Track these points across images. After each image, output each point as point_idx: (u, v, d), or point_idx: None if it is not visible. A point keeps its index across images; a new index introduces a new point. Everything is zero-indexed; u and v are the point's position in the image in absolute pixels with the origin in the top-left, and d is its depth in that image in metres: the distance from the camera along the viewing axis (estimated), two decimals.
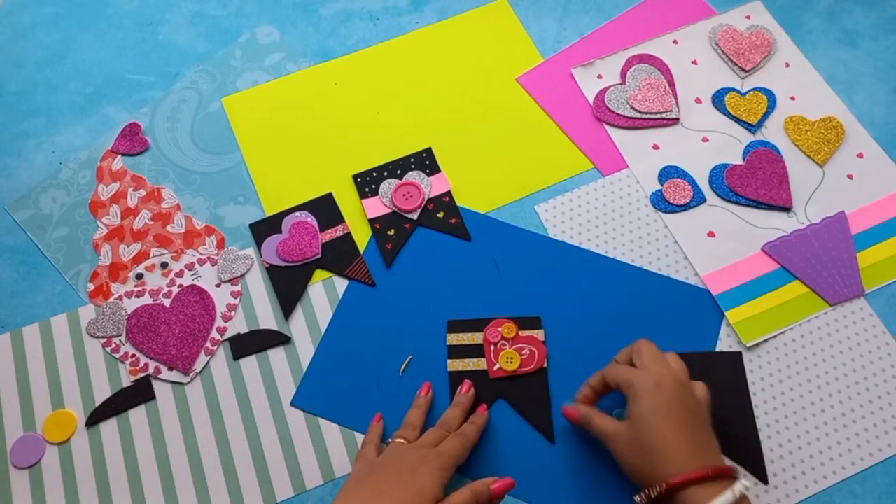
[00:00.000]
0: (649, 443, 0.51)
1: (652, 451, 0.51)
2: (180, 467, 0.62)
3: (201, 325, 0.66)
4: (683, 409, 0.52)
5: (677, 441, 0.50)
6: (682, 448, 0.50)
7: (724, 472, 0.50)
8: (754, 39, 0.79)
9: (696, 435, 0.51)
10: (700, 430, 0.52)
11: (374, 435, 0.60)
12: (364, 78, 0.79)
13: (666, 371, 0.54)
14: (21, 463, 0.62)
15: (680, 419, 0.51)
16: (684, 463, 0.50)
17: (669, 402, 0.52)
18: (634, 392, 0.53)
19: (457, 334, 0.65)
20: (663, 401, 0.52)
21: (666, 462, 0.50)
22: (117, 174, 0.74)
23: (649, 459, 0.51)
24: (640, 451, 0.51)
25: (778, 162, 0.72)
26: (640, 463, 0.52)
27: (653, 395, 0.52)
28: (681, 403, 0.52)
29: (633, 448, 0.52)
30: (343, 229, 0.71)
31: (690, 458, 0.50)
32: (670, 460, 0.50)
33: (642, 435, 0.51)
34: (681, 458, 0.50)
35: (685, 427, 0.51)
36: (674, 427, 0.51)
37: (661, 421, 0.51)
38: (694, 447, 0.51)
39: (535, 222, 0.70)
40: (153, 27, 0.83)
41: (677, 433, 0.51)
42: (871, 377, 0.63)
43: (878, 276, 0.66)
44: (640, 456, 0.52)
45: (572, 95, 0.77)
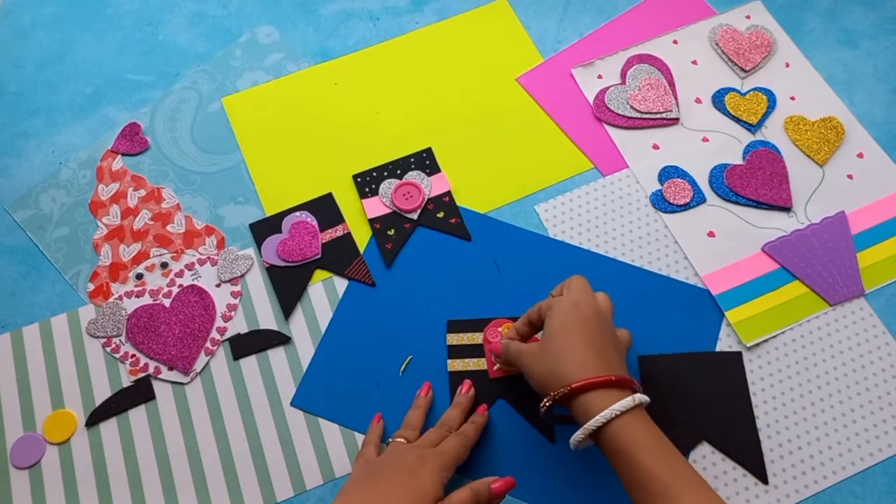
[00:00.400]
0: (556, 350, 0.53)
1: (559, 359, 0.52)
2: (180, 467, 0.62)
3: (201, 325, 0.66)
4: (595, 326, 0.54)
5: (584, 351, 0.52)
6: (589, 357, 0.52)
7: (627, 381, 0.51)
8: (754, 39, 0.79)
9: (605, 350, 0.53)
10: (612, 348, 0.54)
11: (374, 435, 0.60)
12: (364, 78, 0.79)
13: (586, 297, 0.55)
14: (21, 463, 0.62)
15: (590, 333, 0.53)
16: (590, 369, 0.51)
17: (583, 318, 0.53)
18: (550, 313, 0.55)
19: (457, 334, 0.65)
20: (576, 317, 0.54)
21: (572, 368, 0.51)
22: (117, 174, 0.74)
23: (556, 367, 0.52)
24: (549, 360, 0.53)
25: (778, 162, 0.72)
26: (547, 372, 0.53)
27: (567, 312, 0.54)
28: (595, 322, 0.54)
29: (542, 359, 0.53)
30: (343, 229, 0.71)
31: (596, 366, 0.51)
32: (576, 367, 0.51)
33: (552, 346, 0.53)
34: (586, 365, 0.51)
35: (594, 340, 0.53)
36: (583, 339, 0.53)
37: (571, 333, 0.53)
38: (600, 358, 0.52)
39: (535, 222, 0.70)
40: (153, 27, 0.83)
41: (585, 344, 0.52)
42: (871, 377, 0.63)
43: (878, 276, 0.66)
44: (547, 365, 0.53)
45: (572, 95, 0.77)
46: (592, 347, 0.52)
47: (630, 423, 0.49)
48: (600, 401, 0.50)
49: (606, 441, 0.50)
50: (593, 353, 0.52)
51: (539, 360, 0.54)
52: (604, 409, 0.49)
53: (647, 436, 0.49)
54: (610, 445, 0.50)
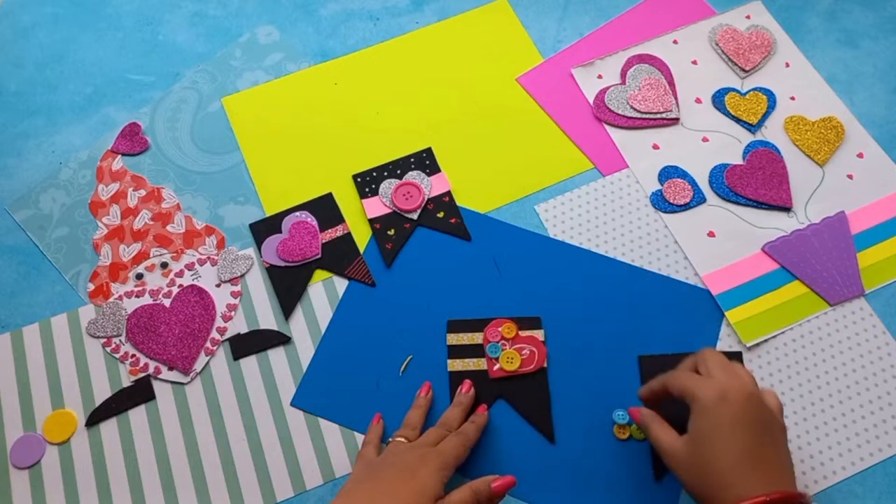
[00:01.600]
0: (709, 463, 0.47)
1: (712, 473, 0.46)
2: (180, 467, 0.62)
3: (201, 325, 0.66)
4: (750, 425, 0.47)
5: (740, 462, 0.46)
6: (746, 470, 0.46)
7: (792, 497, 0.45)
8: (754, 39, 0.79)
9: (763, 454, 0.47)
10: (768, 448, 0.48)
11: (374, 435, 0.60)
12: (364, 78, 0.79)
13: (733, 381, 0.49)
14: (21, 463, 0.62)
15: (745, 436, 0.47)
16: (748, 486, 0.45)
17: (734, 417, 0.47)
18: (696, 404, 0.49)
19: (457, 334, 0.65)
20: (727, 415, 0.47)
21: (728, 486, 0.46)
22: (117, 174, 0.74)
23: (710, 482, 0.46)
24: (700, 471, 0.47)
25: (778, 162, 0.72)
26: (701, 484, 0.47)
27: (716, 408, 0.48)
28: (747, 417, 0.47)
29: (693, 467, 0.48)
30: (343, 229, 0.71)
31: (755, 480, 0.45)
32: (733, 484, 0.45)
33: (702, 454, 0.47)
34: (744, 481, 0.45)
35: (751, 445, 0.47)
36: (737, 446, 0.46)
37: (724, 439, 0.47)
38: (760, 468, 0.46)
39: (535, 222, 0.70)
40: (153, 27, 0.83)
41: (741, 453, 0.46)
42: (871, 377, 0.63)
43: (878, 276, 0.66)
44: (700, 476, 0.47)
45: (572, 95, 0.77)
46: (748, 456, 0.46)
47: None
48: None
49: None
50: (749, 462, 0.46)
51: (689, 471, 0.48)
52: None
53: None
54: None
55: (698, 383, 0.50)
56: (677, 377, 0.52)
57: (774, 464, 0.47)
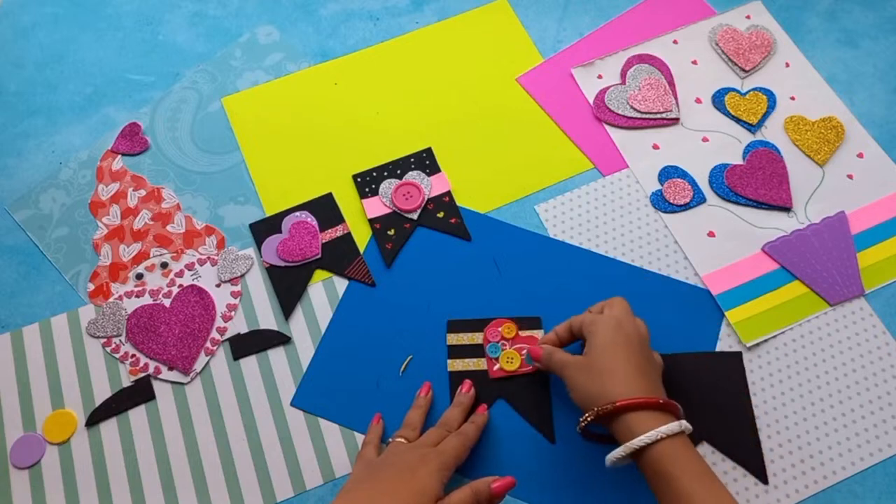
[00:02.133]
0: (602, 366, 0.53)
1: (604, 374, 0.53)
2: (180, 467, 0.62)
3: (201, 325, 0.66)
4: (639, 348, 0.54)
5: (630, 370, 0.52)
6: (635, 377, 0.52)
7: (672, 406, 0.52)
8: (754, 39, 0.79)
9: (650, 374, 0.53)
10: (652, 371, 0.54)
11: (374, 435, 0.60)
12: (364, 78, 0.79)
13: (629, 318, 0.56)
14: (21, 463, 0.62)
15: (635, 354, 0.54)
16: (634, 389, 0.51)
17: (628, 339, 0.54)
18: (595, 329, 0.55)
19: (457, 334, 0.65)
20: (622, 336, 0.54)
21: (617, 384, 0.52)
22: (117, 174, 0.74)
23: (601, 381, 0.52)
24: (593, 374, 0.53)
25: (778, 162, 0.72)
26: (591, 385, 0.53)
27: (612, 330, 0.55)
28: (638, 344, 0.54)
29: (587, 373, 0.54)
30: (343, 229, 0.71)
31: (640, 387, 0.52)
32: (621, 383, 0.52)
33: (597, 361, 0.53)
34: (632, 384, 0.52)
35: (640, 362, 0.53)
36: (629, 358, 0.53)
37: (617, 350, 0.53)
38: (645, 380, 0.52)
39: (535, 222, 0.70)
40: (153, 27, 0.83)
41: (631, 364, 0.53)
42: (871, 377, 0.63)
43: (878, 276, 0.66)
44: (592, 379, 0.53)
45: (572, 95, 0.77)
46: (638, 368, 0.53)
47: (675, 448, 0.49)
48: (645, 422, 0.50)
49: (649, 462, 0.50)
50: (639, 373, 0.53)
51: (584, 374, 0.54)
52: (649, 430, 0.49)
53: (691, 461, 0.49)
54: (653, 467, 0.49)
55: (598, 316, 0.57)
56: (582, 316, 0.58)
57: (656, 383, 0.54)
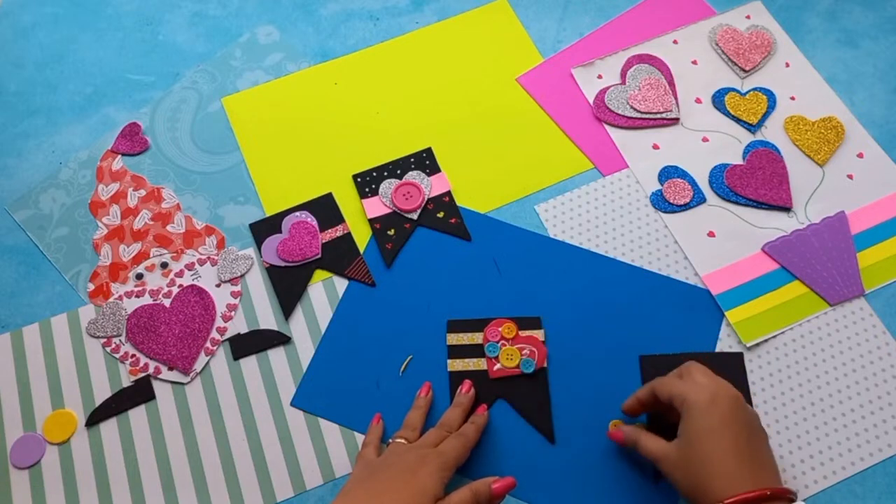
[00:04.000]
0: (701, 462, 0.49)
1: (704, 471, 0.48)
2: (180, 467, 0.62)
3: (201, 325, 0.66)
4: (739, 426, 0.49)
5: (731, 459, 0.48)
6: (737, 467, 0.48)
7: (782, 493, 0.47)
8: (754, 39, 0.79)
9: (752, 453, 0.49)
10: (757, 449, 0.50)
11: (374, 436, 0.60)
12: (364, 78, 0.79)
13: (720, 386, 0.51)
14: (21, 463, 0.62)
15: (735, 436, 0.49)
16: (739, 483, 0.47)
17: (724, 418, 0.49)
18: (687, 407, 0.50)
19: (457, 334, 0.65)
20: (717, 416, 0.49)
21: (719, 481, 0.47)
22: (117, 174, 0.74)
23: (702, 479, 0.48)
24: (693, 470, 0.49)
25: (778, 162, 0.72)
26: (693, 483, 0.49)
27: (707, 410, 0.50)
28: (736, 419, 0.50)
29: (685, 468, 0.50)
30: (343, 229, 0.71)
31: (744, 477, 0.47)
32: (724, 480, 0.47)
33: (694, 454, 0.49)
34: (735, 477, 0.47)
35: (740, 445, 0.49)
36: (728, 444, 0.48)
37: (715, 438, 0.49)
38: (749, 466, 0.48)
39: (535, 222, 0.70)
40: (153, 27, 0.83)
41: (732, 451, 0.48)
42: (871, 377, 0.63)
43: (878, 276, 0.66)
44: (692, 476, 0.49)
45: (572, 95, 0.77)
46: (739, 453, 0.48)
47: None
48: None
49: None
50: (740, 460, 0.48)
51: (681, 470, 0.50)
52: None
53: None
54: None
55: (688, 387, 0.52)
56: (666, 383, 0.54)
57: (762, 462, 0.49)
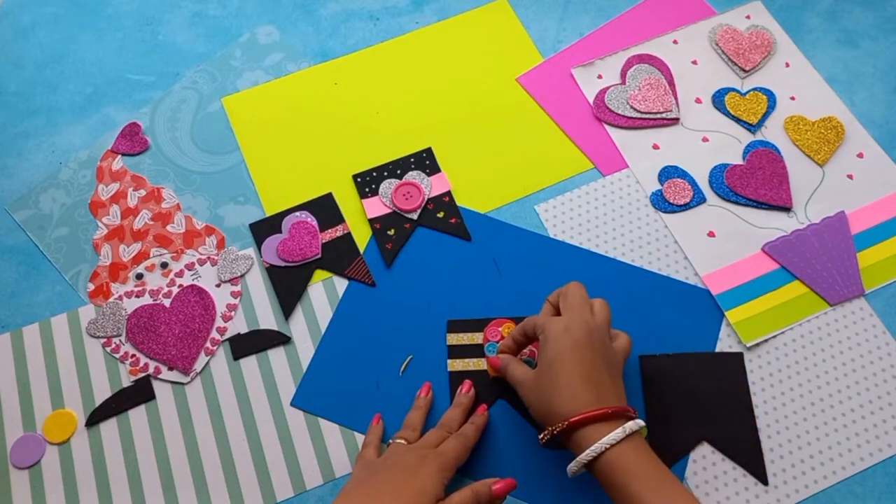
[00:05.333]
0: (551, 384, 0.53)
1: (553, 393, 0.52)
2: (180, 467, 0.62)
3: (201, 325, 0.66)
4: (587, 352, 0.53)
5: (578, 381, 0.52)
6: (581, 389, 0.51)
7: (620, 411, 0.51)
8: (754, 39, 0.79)
9: (599, 377, 0.52)
10: (604, 373, 0.53)
11: (374, 436, 0.60)
12: (364, 78, 0.79)
13: (579, 315, 0.55)
14: (21, 463, 0.62)
15: (582, 361, 0.52)
16: (584, 402, 0.51)
17: (575, 345, 0.53)
18: (545, 337, 0.55)
19: (457, 334, 0.65)
20: (569, 343, 0.53)
21: (565, 403, 0.51)
22: (117, 174, 0.74)
23: (551, 402, 0.52)
24: (544, 393, 0.53)
25: (778, 162, 0.72)
26: (544, 404, 0.53)
27: (560, 338, 0.53)
28: (587, 346, 0.53)
29: (539, 390, 0.54)
30: (343, 229, 0.71)
31: (587, 399, 0.51)
32: (569, 401, 0.51)
33: (547, 377, 0.53)
34: (578, 398, 0.51)
35: (587, 369, 0.52)
36: (575, 369, 0.52)
37: (564, 363, 0.52)
38: (592, 389, 0.52)
39: (535, 222, 0.70)
40: (153, 27, 0.83)
41: (578, 374, 0.52)
42: (871, 377, 0.63)
43: (878, 276, 0.66)
44: (543, 399, 0.53)
45: (572, 95, 0.77)
46: (584, 377, 0.52)
47: (622, 455, 0.49)
48: (593, 434, 0.50)
49: (600, 473, 0.50)
50: (586, 383, 0.52)
51: (535, 393, 0.54)
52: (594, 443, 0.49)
53: (639, 466, 0.49)
54: (603, 478, 0.50)
55: (549, 319, 0.55)
56: (532, 318, 0.58)
57: (608, 386, 0.53)
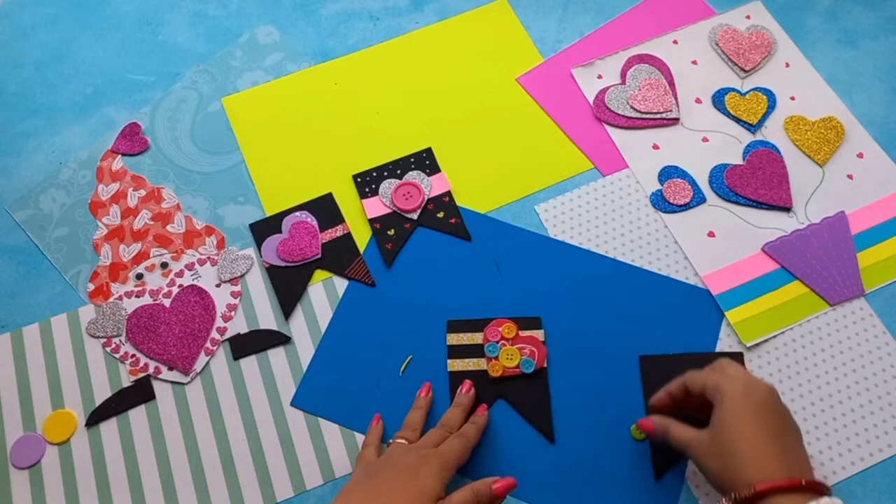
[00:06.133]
0: (733, 447, 0.47)
1: (735, 456, 0.47)
2: (180, 467, 0.62)
3: (201, 325, 0.66)
4: (772, 415, 0.49)
5: (764, 446, 0.47)
6: (768, 453, 0.47)
7: (817, 486, 0.46)
8: (754, 39, 0.79)
9: (785, 443, 0.48)
10: (790, 440, 0.49)
11: (374, 437, 0.60)
12: (364, 78, 0.79)
13: (755, 379, 0.51)
14: (21, 463, 0.62)
15: (768, 424, 0.48)
16: (770, 470, 0.46)
17: (757, 406, 0.49)
18: (721, 395, 0.50)
19: (457, 334, 0.65)
20: (751, 404, 0.49)
21: (750, 467, 0.46)
22: (117, 174, 0.74)
23: (732, 464, 0.47)
24: (724, 456, 0.48)
25: (778, 162, 0.72)
26: (723, 468, 0.48)
27: (741, 397, 0.49)
28: (770, 409, 0.49)
29: (716, 453, 0.48)
30: (343, 229, 0.71)
31: (777, 465, 0.46)
32: (756, 465, 0.46)
33: (726, 439, 0.48)
34: (767, 464, 0.46)
35: (775, 433, 0.48)
36: (761, 431, 0.48)
37: (747, 424, 0.48)
38: (783, 455, 0.47)
39: (535, 222, 0.70)
40: (153, 27, 0.83)
41: (764, 438, 0.47)
42: (871, 377, 0.63)
43: (878, 276, 0.66)
44: (723, 462, 0.48)
45: (572, 95, 0.77)
46: (772, 440, 0.47)
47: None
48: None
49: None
50: (772, 447, 0.47)
51: (712, 456, 0.49)
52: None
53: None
54: None
55: (722, 378, 0.51)
56: (699, 375, 0.53)
57: (795, 453, 0.48)
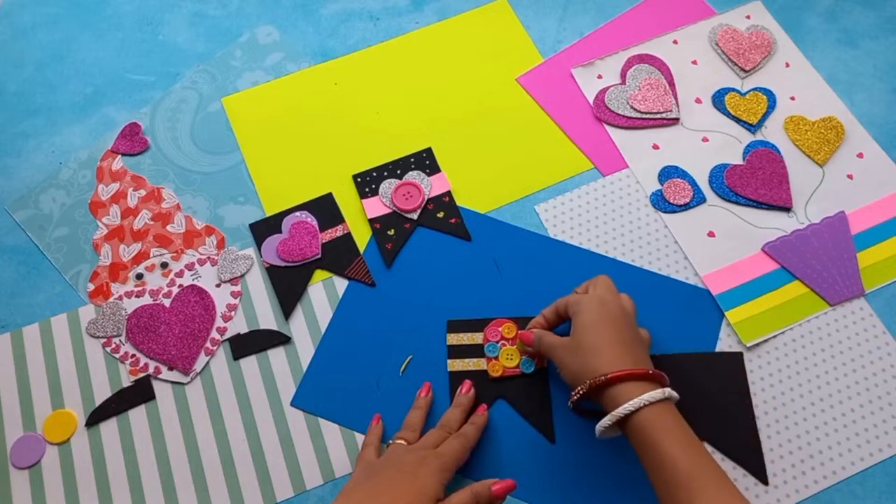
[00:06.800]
0: (589, 346, 0.55)
1: (591, 352, 0.54)
2: (180, 467, 0.62)
3: (201, 325, 0.66)
4: (623, 324, 0.56)
5: (615, 345, 0.54)
6: (620, 351, 0.54)
7: (658, 376, 0.53)
8: (754, 39, 0.79)
9: (634, 348, 0.55)
10: (639, 346, 0.56)
11: (374, 437, 0.60)
12: (364, 78, 0.79)
13: (612, 296, 0.58)
14: (21, 463, 0.62)
15: (619, 332, 0.55)
16: (620, 363, 0.53)
17: (611, 316, 0.56)
18: (579, 308, 0.57)
19: (457, 334, 0.65)
20: (606, 314, 0.56)
21: (604, 361, 0.53)
22: (117, 174, 0.74)
23: (589, 361, 0.54)
24: (581, 354, 0.55)
25: (778, 162, 0.72)
26: (581, 365, 0.55)
27: (596, 308, 0.56)
28: (622, 319, 0.56)
29: (574, 352, 0.55)
30: (343, 229, 0.71)
31: (626, 360, 0.54)
32: (609, 360, 0.53)
33: (584, 340, 0.55)
34: (618, 359, 0.53)
35: (624, 339, 0.55)
36: (613, 334, 0.55)
37: (602, 328, 0.55)
38: (630, 353, 0.54)
39: (535, 222, 0.70)
40: (153, 27, 0.83)
41: (616, 339, 0.55)
42: (871, 377, 0.63)
43: (878, 276, 0.66)
44: (581, 359, 0.55)
45: (572, 95, 0.77)
46: (622, 343, 0.55)
47: (659, 414, 0.51)
48: (631, 391, 0.51)
49: (634, 430, 0.51)
50: (624, 347, 0.54)
51: (572, 354, 0.56)
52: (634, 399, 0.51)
53: (675, 427, 0.51)
54: (637, 434, 0.51)
55: (582, 296, 0.59)
56: (566, 297, 0.60)
57: (643, 355, 0.56)
